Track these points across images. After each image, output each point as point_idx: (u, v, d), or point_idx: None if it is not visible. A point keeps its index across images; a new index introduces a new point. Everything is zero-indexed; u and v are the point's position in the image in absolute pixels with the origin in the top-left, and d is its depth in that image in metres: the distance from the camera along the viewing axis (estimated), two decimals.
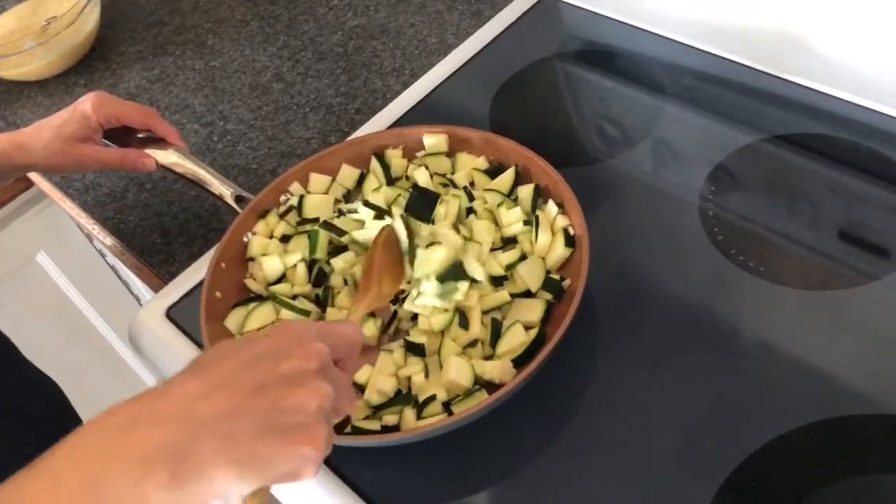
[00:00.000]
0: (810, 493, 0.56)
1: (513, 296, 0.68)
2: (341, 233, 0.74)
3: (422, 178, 0.77)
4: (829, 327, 0.65)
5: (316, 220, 0.77)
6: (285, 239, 0.77)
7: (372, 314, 0.70)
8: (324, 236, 0.74)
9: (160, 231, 0.91)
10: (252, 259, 0.76)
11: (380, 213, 0.74)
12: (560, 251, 0.69)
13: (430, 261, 0.68)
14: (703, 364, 0.65)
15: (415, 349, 0.66)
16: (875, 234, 0.70)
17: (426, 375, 0.65)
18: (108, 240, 0.94)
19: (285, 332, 0.46)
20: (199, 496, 0.40)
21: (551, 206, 0.72)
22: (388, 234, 0.70)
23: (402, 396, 0.64)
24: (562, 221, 0.70)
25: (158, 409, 0.41)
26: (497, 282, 0.69)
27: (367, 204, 0.74)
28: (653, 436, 0.61)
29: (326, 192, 0.80)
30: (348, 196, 0.81)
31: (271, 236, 0.78)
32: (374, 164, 0.80)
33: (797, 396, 0.61)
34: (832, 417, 0.59)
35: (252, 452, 0.40)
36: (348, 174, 0.81)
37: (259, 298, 0.72)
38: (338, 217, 0.76)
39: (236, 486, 0.40)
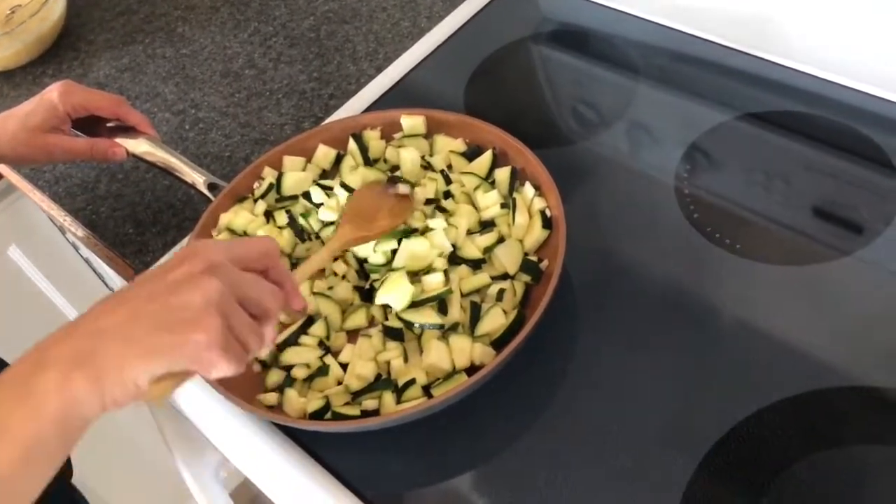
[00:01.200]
0: (789, 465, 0.57)
1: (492, 279, 0.68)
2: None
3: (409, 158, 0.76)
4: (805, 302, 0.65)
5: (295, 197, 0.76)
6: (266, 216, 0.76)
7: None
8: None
9: (133, 221, 0.90)
10: (234, 231, 0.75)
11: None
12: (537, 233, 0.69)
13: (412, 253, 0.67)
14: (681, 341, 0.65)
15: (393, 334, 0.66)
16: (849, 210, 0.70)
17: (405, 360, 0.64)
18: (81, 231, 0.92)
19: (188, 250, 0.52)
20: (119, 391, 0.47)
21: (528, 188, 0.71)
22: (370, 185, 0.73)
23: (382, 381, 0.64)
24: (539, 203, 0.70)
25: (72, 328, 0.49)
26: (475, 265, 0.69)
27: (343, 186, 0.74)
28: (632, 414, 0.62)
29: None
30: (325, 177, 0.80)
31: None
32: (352, 144, 0.79)
33: (774, 371, 0.61)
34: (808, 391, 0.60)
35: (150, 346, 0.47)
36: (324, 154, 0.80)
37: None
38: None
39: (144, 376, 0.47)
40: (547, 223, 0.69)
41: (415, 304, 0.65)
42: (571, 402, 0.64)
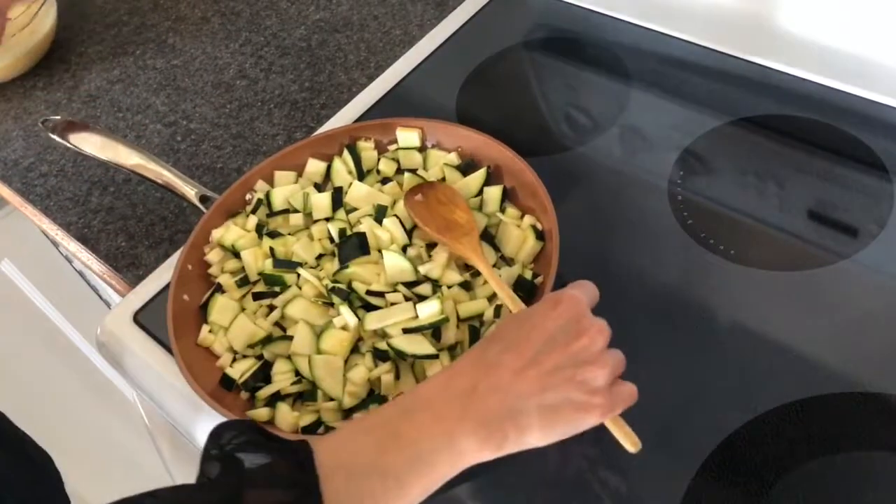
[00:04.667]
0: (787, 472, 0.56)
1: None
2: None
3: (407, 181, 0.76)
4: (801, 307, 0.65)
5: (286, 211, 0.76)
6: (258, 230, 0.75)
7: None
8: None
9: (125, 234, 0.90)
10: (225, 248, 0.74)
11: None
12: (531, 244, 0.69)
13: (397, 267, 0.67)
14: (677, 348, 0.64)
15: (383, 356, 0.65)
16: (843, 214, 0.70)
17: (397, 376, 0.64)
18: (73, 245, 0.92)
19: (568, 305, 0.54)
20: (510, 449, 0.51)
21: (512, 210, 0.72)
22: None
23: (374, 397, 0.63)
24: (528, 220, 0.70)
25: (492, 382, 0.51)
26: (465, 286, 0.68)
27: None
28: (629, 422, 0.61)
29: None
30: (319, 189, 0.79)
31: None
32: (346, 155, 0.78)
33: (771, 377, 0.61)
34: (806, 397, 0.59)
35: (555, 420, 0.50)
36: (315, 169, 0.79)
37: (219, 288, 0.72)
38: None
39: (538, 445, 0.51)
40: (540, 235, 0.69)
41: (408, 331, 0.64)
42: None
